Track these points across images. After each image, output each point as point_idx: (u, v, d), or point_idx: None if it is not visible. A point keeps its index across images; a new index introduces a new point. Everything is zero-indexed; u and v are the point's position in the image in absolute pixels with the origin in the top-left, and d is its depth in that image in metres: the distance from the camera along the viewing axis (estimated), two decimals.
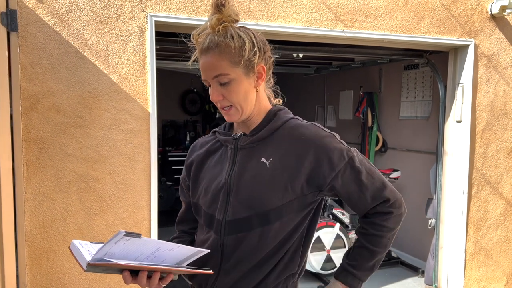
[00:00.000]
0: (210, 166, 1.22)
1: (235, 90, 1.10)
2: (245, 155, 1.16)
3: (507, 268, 3.74)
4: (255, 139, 1.16)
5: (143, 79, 2.61)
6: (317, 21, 2.95)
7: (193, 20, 2.66)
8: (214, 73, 1.09)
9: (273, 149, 1.13)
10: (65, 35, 2.44)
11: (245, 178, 1.13)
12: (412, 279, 4.06)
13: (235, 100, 1.11)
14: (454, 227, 3.59)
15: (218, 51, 1.08)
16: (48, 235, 2.49)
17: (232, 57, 1.08)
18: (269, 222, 1.10)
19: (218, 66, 1.08)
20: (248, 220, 1.11)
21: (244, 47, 1.08)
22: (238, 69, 1.09)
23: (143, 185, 2.66)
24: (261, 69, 1.13)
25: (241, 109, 1.13)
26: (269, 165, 1.11)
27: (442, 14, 3.30)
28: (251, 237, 1.11)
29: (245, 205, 1.11)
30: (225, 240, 1.12)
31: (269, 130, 1.15)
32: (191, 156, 1.29)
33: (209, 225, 1.17)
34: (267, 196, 1.10)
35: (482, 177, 3.56)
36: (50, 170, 2.47)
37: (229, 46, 1.07)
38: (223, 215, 1.13)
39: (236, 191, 1.13)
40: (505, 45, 3.54)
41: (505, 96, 3.58)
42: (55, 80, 2.44)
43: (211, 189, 1.17)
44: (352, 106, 5.16)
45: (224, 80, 1.09)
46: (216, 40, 1.08)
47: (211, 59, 1.08)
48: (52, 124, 2.46)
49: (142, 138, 2.64)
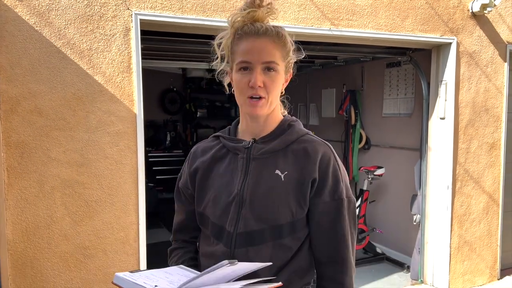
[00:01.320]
0: (218, 174, 1.16)
1: (277, 81, 1.10)
2: (259, 166, 1.12)
3: (490, 261, 3.82)
4: (269, 150, 1.13)
5: (129, 79, 2.54)
6: (304, 19, 2.93)
7: (179, 19, 2.59)
8: (266, 58, 1.08)
9: (287, 162, 1.11)
10: (46, 34, 2.34)
11: (259, 190, 1.09)
12: (398, 274, 4.10)
13: (273, 91, 1.10)
14: (439, 222, 3.65)
15: (277, 39, 1.09)
16: (32, 243, 2.39)
17: (283, 52, 1.11)
18: (281, 236, 1.08)
19: (272, 53, 1.08)
20: (261, 233, 1.08)
21: (292, 49, 1.14)
22: (283, 65, 1.12)
23: (131, 188, 2.59)
24: (291, 72, 1.18)
25: (270, 104, 1.11)
26: (284, 178, 1.09)
27: (425, 12, 3.33)
28: (262, 250, 1.08)
29: (258, 218, 1.08)
30: (235, 253, 1.08)
31: (284, 143, 1.13)
32: (194, 163, 1.23)
33: (218, 237, 1.12)
34: (281, 210, 1.08)
35: (465, 173, 3.63)
36: (33, 175, 2.37)
37: (286, 41, 1.11)
38: (234, 227, 1.09)
39: (249, 204, 1.09)
40: (486, 42, 3.61)
41: (486, 93, 3.65)
42: (36, 81, 2.34)
43: (221, 200, 1.12)
44: (335, 104, 5.17)
45: (274, 67, 1.09)
46: (275, 29, 1.09)
47: (266, 44, 1.08)
48: (34, 127, 2.35)
49: (128, 140, 2.56)
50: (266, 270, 1.08)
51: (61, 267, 2.46)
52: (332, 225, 1.10)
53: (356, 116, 4.74)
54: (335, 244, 1.10)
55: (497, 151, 3.75)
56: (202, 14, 2.65)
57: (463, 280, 3.71)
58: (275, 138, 1.14)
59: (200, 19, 2.64)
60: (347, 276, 1.11)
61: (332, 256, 1.11)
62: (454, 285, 3.66)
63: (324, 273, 1.13)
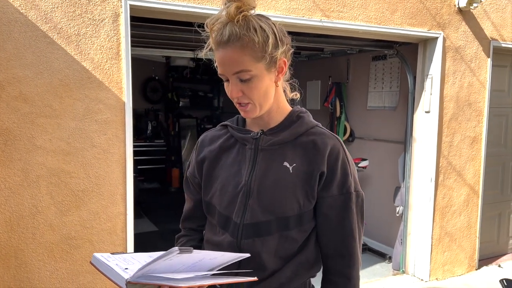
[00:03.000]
0: (226, 164, 1.15)
1: (256, 86, 1.03)
2: (267, 157, 1.10)
3: (469, 252, 3.93)
4: (278, 141, 1.11)
5: (118, 66, 2.47)
6: (296, 10, 2.91)
7: (170, 5, 2.54)
8: (235, 69, 1.01)
9: (296, 154, 1.09)
10: (32, 18, 2.26)
11: (267, 181, 1.08)
12: (380, 265, 4.18)
13: (255, 97, 1.04)
14: (421, 214, 3.72)
15: (240, 45, 0.99)
16: (15, 233, 2.32)
17: (255, 53, 1.00)
18: (288, 228, 1.07)
19: (239, 61, 1.00)
20: (267, 224, 1.06)
21: (268, 41, 1.01)
22: (260, 65, 1.02)
23: (118, 178, 2.54)
24: (282, 63, 1.07)
25: (259, 107, 1.06)
26: (292, 170, 1.07)
27: (414, 6, 3.36)
28: (269, 241, 1.07)
29: (265, 209, 1.07)
30: (241, 243, 1.07)
31: (293, 134, 1.11)
32: (201, 151, 1.21)
33: (224, 227, 1.11)
34: (289, 202, 1.06)
35: (448, 166, 3.70)
36: (17, 164, 2.29)
37: (253, 40, 0.99)
38: (240, 218, 1.08)
39: (257, 194, 1.08)
40: (470, 38, 3.67)
41: (470, 87, 3.72)
42: (21, 67, 2.26)
43: (229, 190, 1.11)
44: (320, 96, 5.19)
45: (245, 76, 1.01)
46: (238, 32, 0.99)
47: (231, 54, 0.99)
48: (19, 114, 2.27)
49: (116, 129, 2.51)
50: (273, 262, 1.07)
51: (46, 258, 2.40)
52: (339, 218, 1.09)
53: (341, 109, 4.77)
54: (343, 238, 1.10)
55: (479, 144, 3.84)
56: (193, 1, 2.60)
57: (443, 270, 3.81)
58: (284, 129, 1.12)
59: (191, 6, 2.59)
60: (354, 270, 1.11)
61: (339, 249, 1.11)
62: (434, 275, 3.75)
63: (331, 266, 1.13)
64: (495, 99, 3.97)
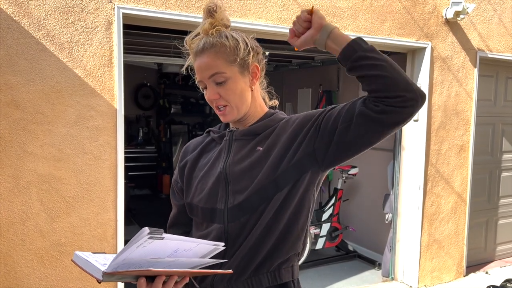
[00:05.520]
0: (203, 164, 1.21)
1: (232, 88, 1.11)
2: (241, 146, 1.16)
3: (457, 259, 3.98)
4: (251, 131, 1.17)
5: (110, 73, 2.49)
6: (287, 19, 2.96)
7: (163, 14, 2.57)
8: (210, 72, 1.10)
9: (269, 140, 1.15)
10: (25, 25, 2.27)
11: (242, 165, 1.13)
12: (369, 271, 4.21)
13: (232, 98, 1.12)
14: (410, 221, 3.77)
15: (214, 51, 1.10)
16: (5, 239, 2.32)
17: (227, 56, 1.10)
18: (268, 197, 1.09)
19: (214, 65, 1.10)
20: (248, 201, 1.10)
21: (239, 46, 1.11)
22: (234, 68, 1.11)
23: (109, 184, 2.54)
24: (255, 68, 1.16)
25: (236, 109, 1.14)
26: (264, 148, 1.13)
27: (402, 17, 3.43)
28: (253, 219, 1.10)
29: (244, 189, 1.11)
30: (228, 227, 1.11)
31: (266, 126, 1.17)
32: (184, 158, 1.27)
33: (210, 219, 1.14)
34: (263, 172, 1.10)
35: (436, 173, 3.76)
36: (8, 170, 2.29)
37: (224, 45, 1.10)
38: (224, 204, 1.12)
39: (235, 179, 1.12)
40: (458, 48, 3.75)
41: (457, 97, 3.79)
42: (13, 73, 2.27)
43: (208, 185, 1.16)
44: (311, 104, 5.24)
45: (220, 79, 1.10)
46: (211, 40, 1.11)
47: (206, 59, 1.10)
48: (10, 120, 2.28)
49: (108, 136, 2.52)
50: (257, 238, 1.09)
51: (36, 264, 2.40)
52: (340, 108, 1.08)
53: None
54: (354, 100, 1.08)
55: (466, 153, 3.91)
56: (185, 10, 2.63)
57: (432, 277, 3.85)
58: (257, 122, 1.19)
59: (183, 15, 2.62)
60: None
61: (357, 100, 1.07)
62: (423, 282, 3.79)
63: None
64: (482, 108, 4.05)
